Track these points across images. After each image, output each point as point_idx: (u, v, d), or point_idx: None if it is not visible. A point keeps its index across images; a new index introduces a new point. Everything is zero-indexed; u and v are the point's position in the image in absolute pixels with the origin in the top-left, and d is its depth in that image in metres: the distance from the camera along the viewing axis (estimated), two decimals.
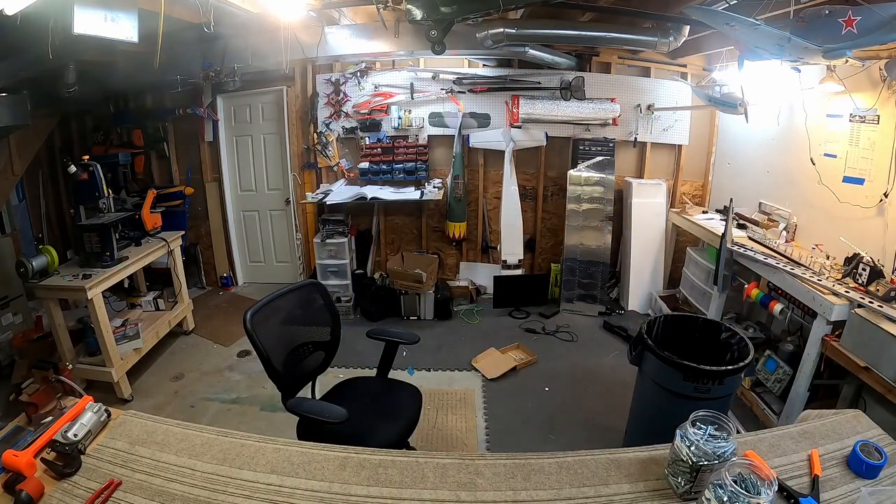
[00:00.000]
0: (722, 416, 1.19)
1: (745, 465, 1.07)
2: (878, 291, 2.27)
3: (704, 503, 1.07)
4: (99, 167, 3.17)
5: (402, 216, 4.72)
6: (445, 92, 4.26)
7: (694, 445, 1.14)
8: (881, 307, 2.17)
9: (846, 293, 2.35)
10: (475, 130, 4.35)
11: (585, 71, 4.18)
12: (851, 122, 2.74)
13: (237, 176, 4.79)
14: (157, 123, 4.54)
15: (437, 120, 4.35)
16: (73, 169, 3.08)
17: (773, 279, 2.84)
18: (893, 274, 2.38)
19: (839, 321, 2.32)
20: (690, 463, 1.13)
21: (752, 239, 3.25)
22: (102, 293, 3.00)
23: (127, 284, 3.90)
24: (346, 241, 4.27)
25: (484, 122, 4.34)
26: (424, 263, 4.33)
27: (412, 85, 4.25)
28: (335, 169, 4.53)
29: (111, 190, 3.33)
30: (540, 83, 4.21)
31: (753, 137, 3.76)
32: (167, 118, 4.52)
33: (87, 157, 3.28)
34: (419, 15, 2.52)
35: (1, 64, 2.64)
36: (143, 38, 2.21)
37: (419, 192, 4.23)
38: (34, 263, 2.86)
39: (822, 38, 1.96)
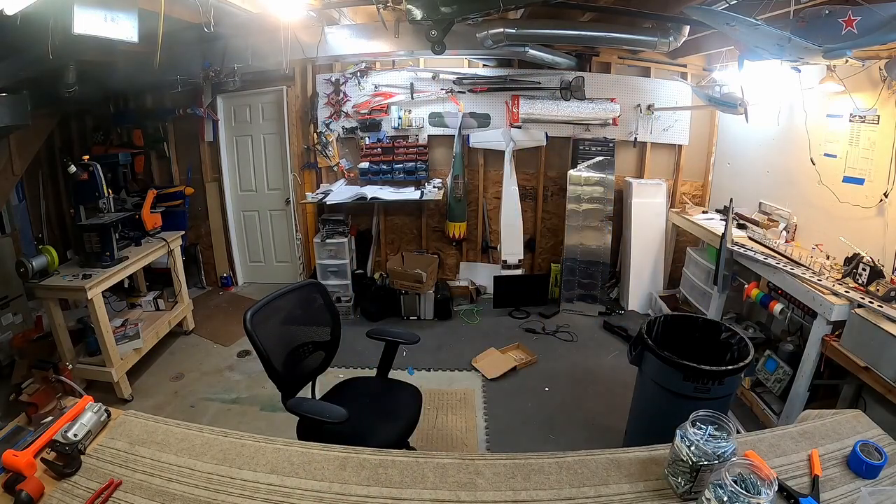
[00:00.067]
0: (722, 416, 1.19)
1: (745, 465, 1.07)
2: (878, 291, 2.27)
3: (704, 503, 1.07)
4: (99, 167, 3.18)
5: (402, 216, 4.72)
6: (445, 92, 4.26)
7: (694, 445, 1.14)
8: (881, 307, 2.17)
9: (846, 293, 2.35)
10: (475, 130, 4.35)
11: (585, 71, 4.18)
12: (851, 122, 2.74)
13: (237, 176, 4.79)
14: (157, 123, 4.54)
15: (437, 120, 4.35)
16: (73, 169, 3.08)
17: (773, 279, 2.84)
18: (893, 274, 2.38)
19: (839, 321, 2.32)
20: (690, 463, 1.14)
21: (752, 239, 3.25)
22: (102, 293, 3.00)
23: (127, 284, 3.90)
24: (346, 241, 4.27)
25: (484, 122, 4.34)
26: (424, 263, 4.33)
27: (412, 85, 4.25)
28: (335, 169, 4.53)
29: (111, 190, 3.33)
30: (540, 83, 4.21)
31: (753, 137, 3.76)
32: (167, 118, 4.52)
33: (87, 157, 3.28)
34: (419, 15, 2.52)
35: (1, 64, 2.64)
36: (143, 38, 2.21)
37: (419, 192, 4.23)
38: (34, 263, 2.86)
39: (822, 38, 1.96)
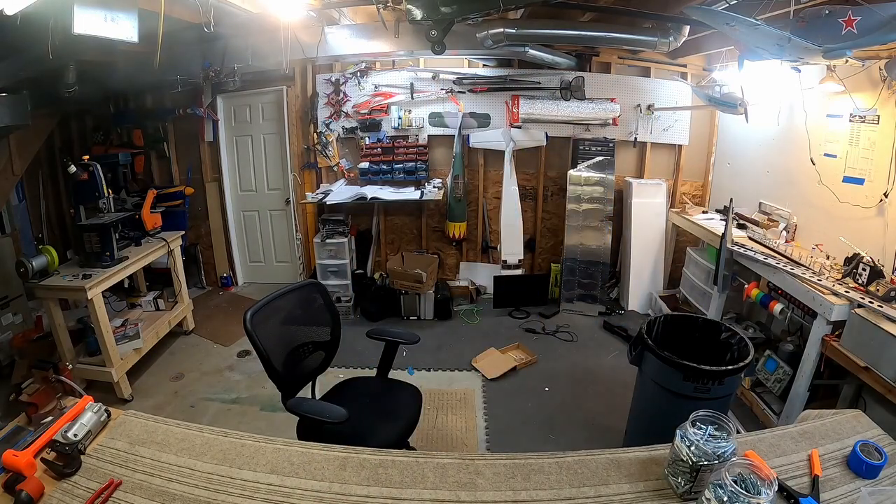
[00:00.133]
0: (722, 416, 1.19)
1: (745, 465, 1.07)
2: (878, 291, 2.27)
3: (704, 503, 1.07)
4: (99, 167, 3.18)
5: (402, 216, 4.72)
6: (445, 92, 4.26)
7: (694, 445, 1.14)
8: (881, 307, 2.17)
9: (846, 293, 2.35)
10: (475, 130, 4.35)
11: (585, 71, 4.18)
12: (851, 122, 2.74)
13: (237, 176, 4.79)
14: (157, 123, 4.54)
15: (437, 120, 4.35)
16: (73, 169, 3.08)
17: (773, 279, 2.84)
18: (893, 274, 2.38)
19: (839, 321, 2.32)
20: (690, 463, 1.13)
21: (752, 239, 3.25)
22: (102, 293, 3.00)
23: (127, 284, 3.90)
24: (346, 241, 4.27)
25: (484, 122, 4.34)
26: (424, 263, 4.33)
27: (412, 85, 4.25)
28: (335, 169, 4.53)
29: (111, 190, 3.33)
30: (540, 83, 4.21)
31: (753, 137, 3.76)
32: (167, 118, 4.52)
33: (87, 157, 3.28)
34: (419, 15, 2.52)
35: (1, 64, 2.64)
36: (143, 38, 2.21)
37: (419, 192, 4.23)
38: (34, 263, 2.86)
39: (822, 38, 1.96)
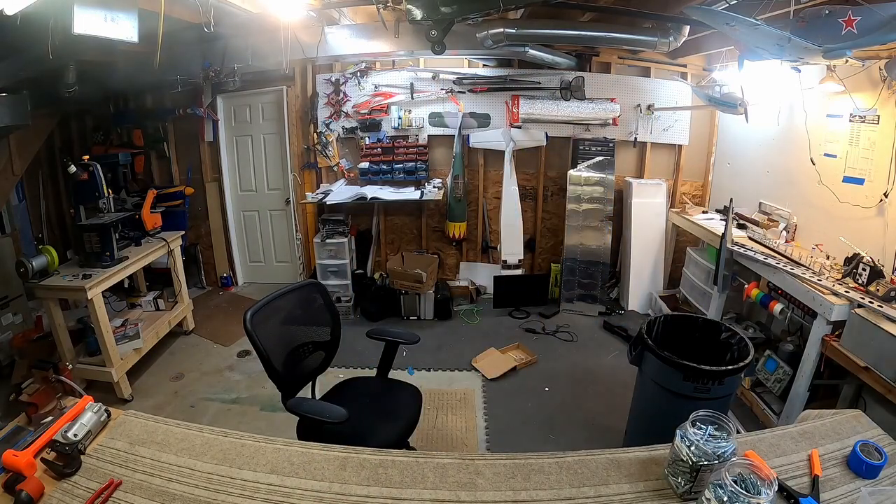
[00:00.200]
0: (722, 416, 1.19)
1: (745, 465, 1.07)
2: (878, 291, 2.27)
3: (704, 503, 1.07)
4: (99, 167, 3.17)
5: (402, 216, 4.72)
6: (445, 92, 4.26)
7: (694, 445, 1.14)
8: (881, 307, 2.17)
9: (846, 293, 2.35)
10: (475, 130, 4.35)
11: (585, 71, 4.18)
12: (851, 122, 2.74)
13: (237, 176, 4.79)
14: (157, 123, 4.53)
15: (437, 120, 4.35)
16: (73, 169, 3.08)
17: (773, 279, 2.84)
18: (893, 274, 2.38)
19: (839, 321, 2.32)
20: (690, 463, 1.13)
21: (752, 239, 3.25)
22: (102, 293, 3.00)
23: (127, 284, 3.90)
24: (346, 241, 4.27)
25: (484, 122, 4.34)
26: (424, 263, 4.33)
27: (412, 85, 4.25)
28: (335, 169, 4.53)
29: (111, 190, 3.33)
30: (540, 83, 4.21)
31: (753, 137, 3.76)
32: (167, 118, 4.52)
33: (87, 157, 3.28)
34: (419, 15, 2.52)
35: (1, 64, 2.64)
36: (143, 38, 2.21)
37: (419, 192, 4.23)
38: (34, 263, 2.86)
39: (822, 38, 1.96)
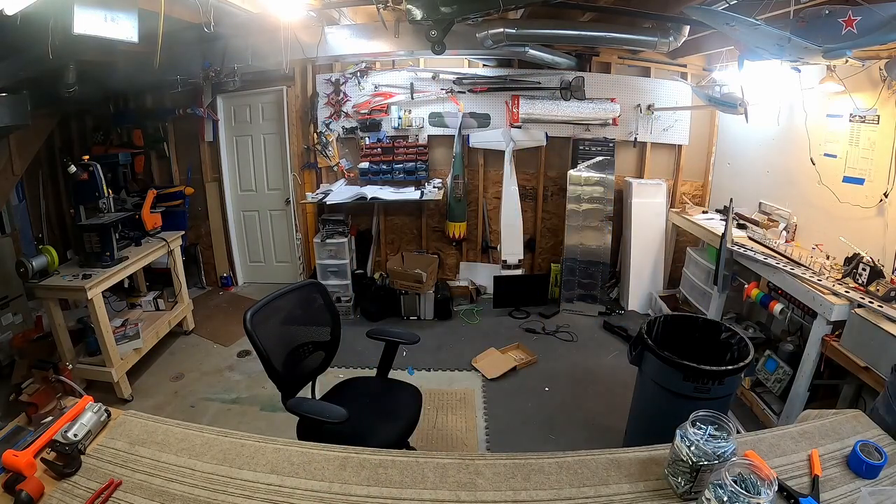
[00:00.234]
0: (722, 416, 1.19)
1: (745, 465, 1.06)
2: (878, 291, 2.27)
3: (704, 503, 1.07)
4: (99, 167, 3.17)
5: (402, 216, 4.72)
6: (445, 92, 4.26)
7: (694, 445, 1.14)
8: (881, 307, 2.17)
9: (846, 293, 2.35)
10: (475, 130, 4.35)
11: (585, 71, 4.18)
12: (851, 122, 2.74)
13: (237, 176, 4.79)
14: (157, 123, 4.54)
15: (437, 120, 4.35)
16: (73, 169, 3.08)
17: (773, 279, 2.84)
18: (893, 274, 2.38)
19: (839, 321, 2.32)
20: (690, 463, 1.13)
21: (752, 239, 3.25)
22: (102, 293, 3.00)
23: (127, 284, 3.90)
24: (346, 241, 4.27)
25: (484, 122, 4.34)
26: (424, 263, 4.32)
27: (412, 85, 4.25)
28: (335, 169, 4.53)
29: (111, 190, 3.33)
30: (540, 83, 4.21)
31: (753, 137, 3.76)
32: (167, 118, 4.52)
33: (87, 157, 3.28)
34: (419, 15, 2.52)
35: (1, 64, 2.64)
36: (143, 38, 2.21)
37: (419, 192, 4.23)
38: (34, 263, 2.86)
39: (822, 38, 1.96)
